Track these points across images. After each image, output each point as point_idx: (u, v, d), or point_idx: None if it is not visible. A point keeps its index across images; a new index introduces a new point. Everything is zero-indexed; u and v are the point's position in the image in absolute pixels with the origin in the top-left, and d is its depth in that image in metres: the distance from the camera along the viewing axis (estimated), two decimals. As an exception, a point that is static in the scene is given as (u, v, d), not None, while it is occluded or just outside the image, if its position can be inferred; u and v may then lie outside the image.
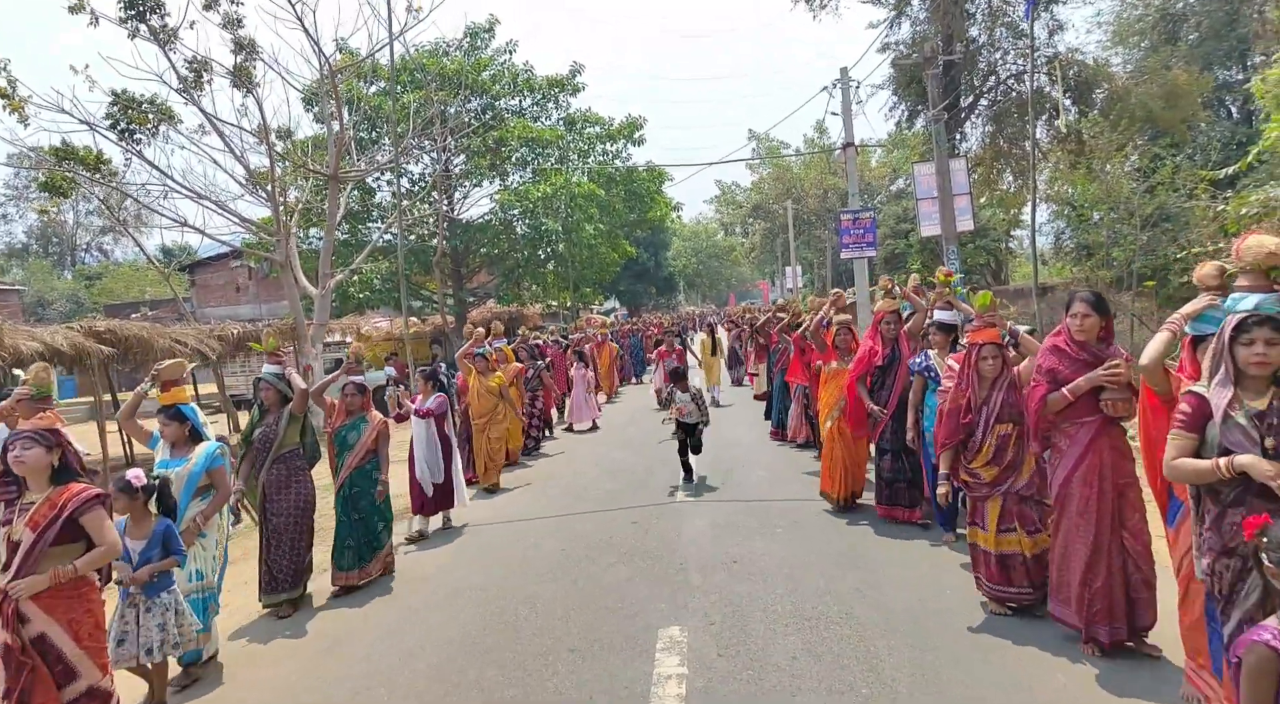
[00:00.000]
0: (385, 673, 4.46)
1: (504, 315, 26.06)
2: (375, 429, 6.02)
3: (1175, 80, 16.91)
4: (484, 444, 9.19)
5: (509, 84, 22.31)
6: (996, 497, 4.48)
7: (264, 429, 5.63)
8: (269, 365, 5.83)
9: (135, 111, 14.12)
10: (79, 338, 11.95)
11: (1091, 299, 3.92)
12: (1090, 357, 3.87)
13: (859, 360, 6.62)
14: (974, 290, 5.67)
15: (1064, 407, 3.91)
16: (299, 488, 5.58)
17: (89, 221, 56.13)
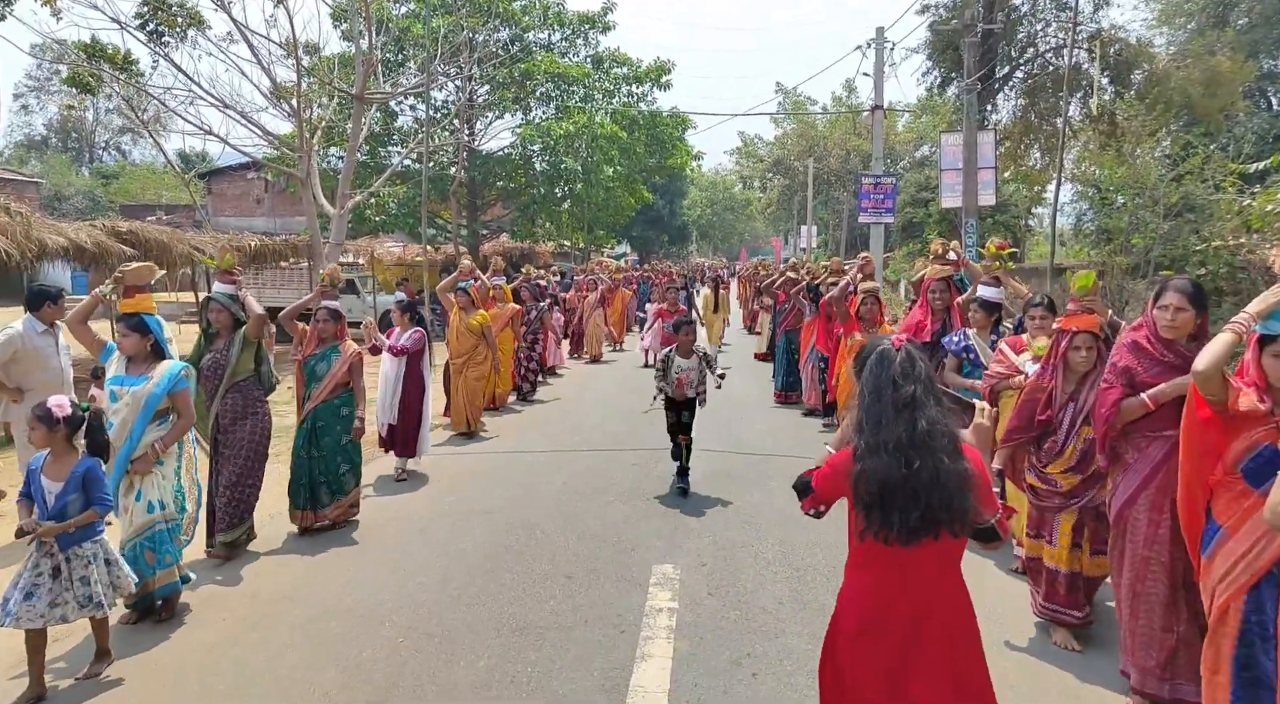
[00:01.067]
0: (393, 583, 4.73)
1: (516, 250, 26.10)
2: (347, 360, 5.60)
3: (1218, 67, 16.59)
4: (461, 386, 8.65)
5: (539, 16, 21.90)
6: (1072, 510, 3.86)
7: (214, 355, 5.13)
8: (221, 284, 5.24)
9: (165, 13, 13.98)
10: (101, 236, 12.10)
11: (1189, 290, 3.27)
12: (1177, 358, 3.26)
13: (905, 331, 5.93)
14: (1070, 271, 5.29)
15: (1141, 416, 3.35)
16: (255, 420, 5.13)
17: (108, 120, 55.64)
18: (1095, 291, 3.89)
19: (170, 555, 4.17)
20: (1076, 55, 17.56)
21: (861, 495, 2.11)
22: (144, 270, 4.48)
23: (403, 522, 5.89)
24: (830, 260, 11.32)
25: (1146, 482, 3.39)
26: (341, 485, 5.63)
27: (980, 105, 17.97)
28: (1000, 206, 19.68)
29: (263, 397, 5.27)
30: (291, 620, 4.26)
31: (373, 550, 5.30)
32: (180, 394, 4.29)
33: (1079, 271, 4.00)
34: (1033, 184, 21.76)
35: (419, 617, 4.27)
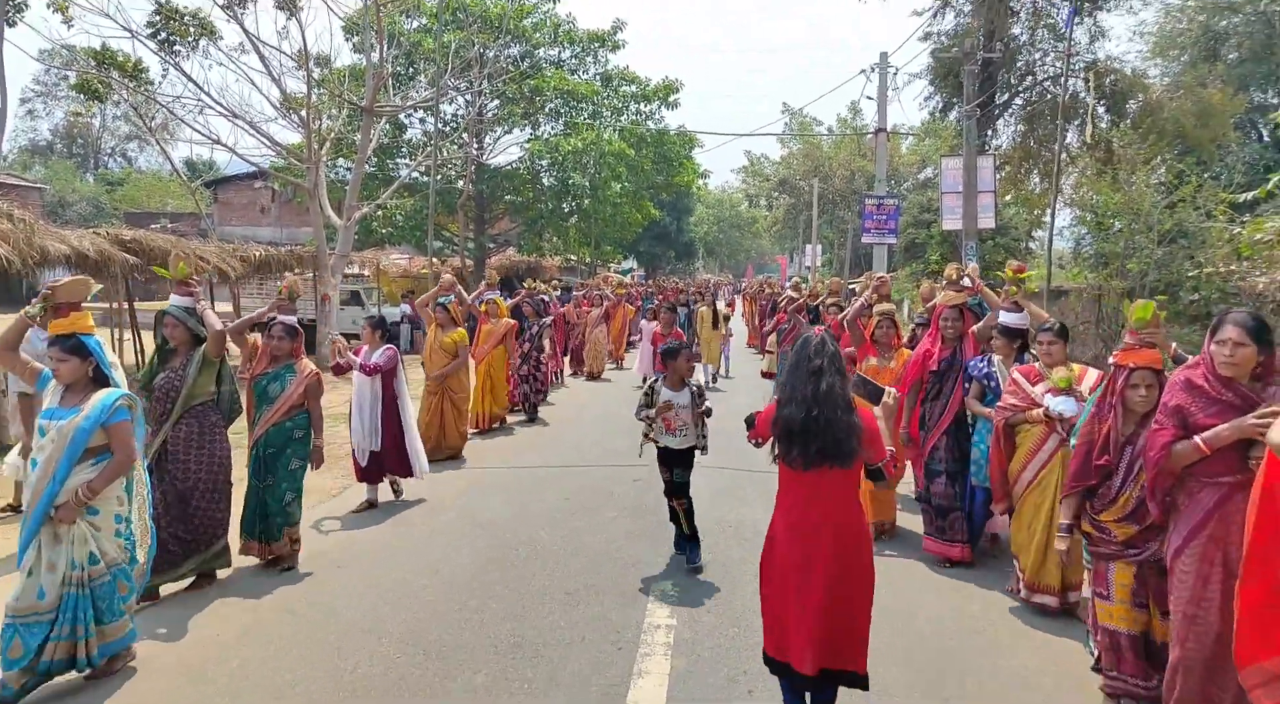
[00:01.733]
0: (389, 598, 4.84)
1: (522, 264, 26.27)
2: (303, 381, 5.11)
3: (1210, 98, 16.84)
4: (433, 407, 8.12)
5: (549, 34, 22.21)
6: (1129, 561, 3.47)
7: (168, 375, 4.64)
8: (177, 297, 4.71)
9: (177, 23, 14.22)
10: (105, 244, 12.18)
11: (1250, 324, 2.97)
12: (1237, 398, 2.99)
13: (913, 364, 5.67)
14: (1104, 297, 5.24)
15: (1195, 461, 3.04)
16: (213, 448, 4.68)
17: (115, 126, 55.97)
18: (1156, 323, 3.49)
19: (114, 609, 3.68)
20: (1073, 84, 17.82)
21: (778, 432, 3.08)
22: (77, 285, 3.85)
23: (401, 535, 5.98)
24: (830, 280, 11.12)
25: (1196, 531, 3.08)
26: (289, 516, 5.16)
27: (980, 130, 18.21)
28: (1001, 229, 19.90)
29: (220, 424, 4.77)
30: (289, 631, 4.30)
31: (370, 564, 5.36)
32: (116, 428, 3.62)
33: (1137, 302, 3.54)
34: (1032, 208, 21.98)
35: (416, 631, 4.30)
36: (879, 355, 6.07)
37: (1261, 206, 12.28)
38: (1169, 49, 20.98)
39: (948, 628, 4.47)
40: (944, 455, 5.41)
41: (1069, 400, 4.26)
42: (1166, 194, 13.45)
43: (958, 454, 5.36)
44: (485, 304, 9.91)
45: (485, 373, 9.66)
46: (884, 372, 5.89)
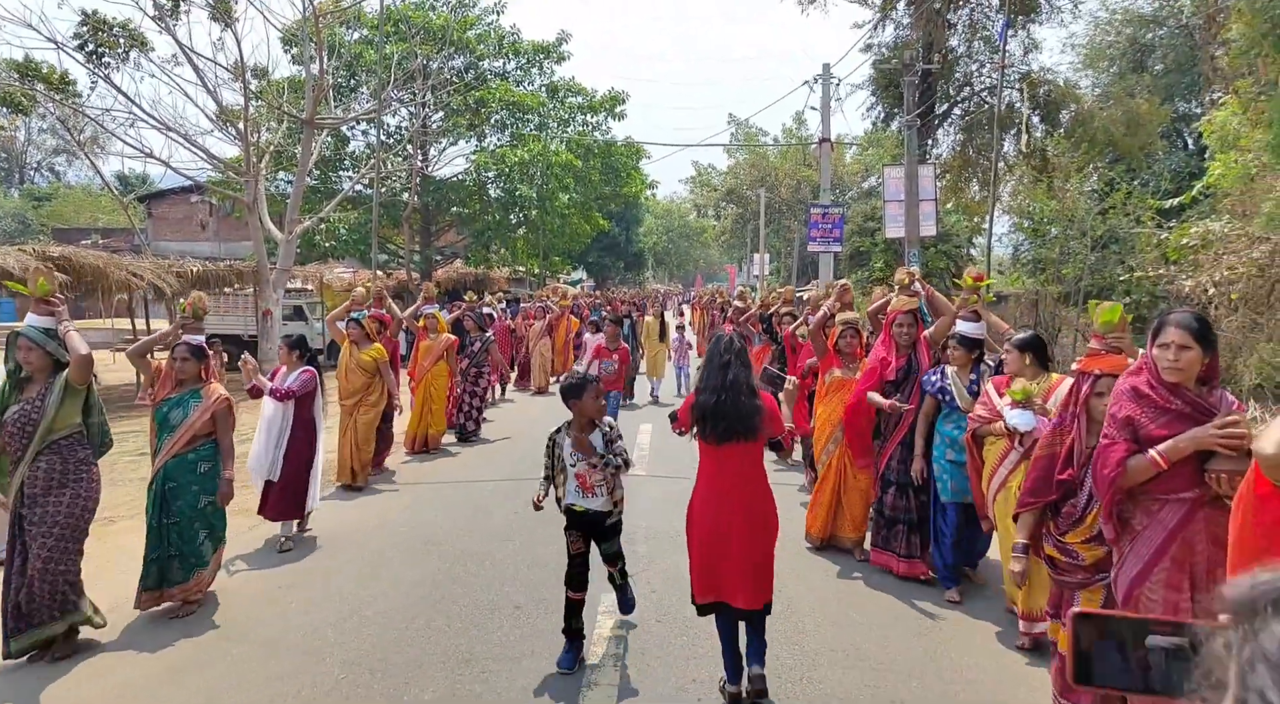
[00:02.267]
0: (337, 618, 4.69)
1: (470, 277, 26.01)
2: (210, 407, 4.63)
3: (1137, 108, 17.55)
4: (350, 431, 7.63)
5: (494, 45, 22.14)
6: (1098, 587, 3.19)
7: (23, 406, 4.07)
8: (35, 316, 4.17)
9: (106, 34, 13.77)
10: (31, 261, 11.70)
11: (1193, 325, 2.80)
12: (1187, 406, 2.79)
13: (868, 373, 5.41)
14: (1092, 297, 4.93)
15: (1155, 475, 2.81)
16: (78, 488, 4.12)
17: (41, 140, 54.04)
18: (1124, 327, 3.30)
19: None
20: (1009, 95, 18.40)
21: (695, 415, 3.66)
22: None
23: (348, 553, 5.83)
24: (784, 289, 10.89)
25: (1159, 554, 2.84)
26: (200, 557, 4.68)
27: (921, 140, 18.64)
28: (943, 236, 20.37)
29: (90, 459, 4.25)
30: (229, 659, 4.17)
31: (316, 583, 5.22)
32: None
33: (1102, 304, 3.35)
34: (973, 215, 22.58)
35: (363, 651, 4.22)
36: (843, 366, 5.85)
37: (1187, 212, 12.81)
38: (1099, 60, 21.82)
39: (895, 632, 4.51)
40: (897, 467, 5.26)
41: (1025, 414, 4.07)
42: (1099, 201, 13.96)
43: (908, 465, 5.19)
44: (423, 319, 9.41)
45: (424, 392, 9.17)
46: (849, 383, 5.67)
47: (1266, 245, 9.21)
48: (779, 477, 9.15)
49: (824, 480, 5.81)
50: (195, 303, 5.02)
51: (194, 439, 4.67)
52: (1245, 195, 10.88)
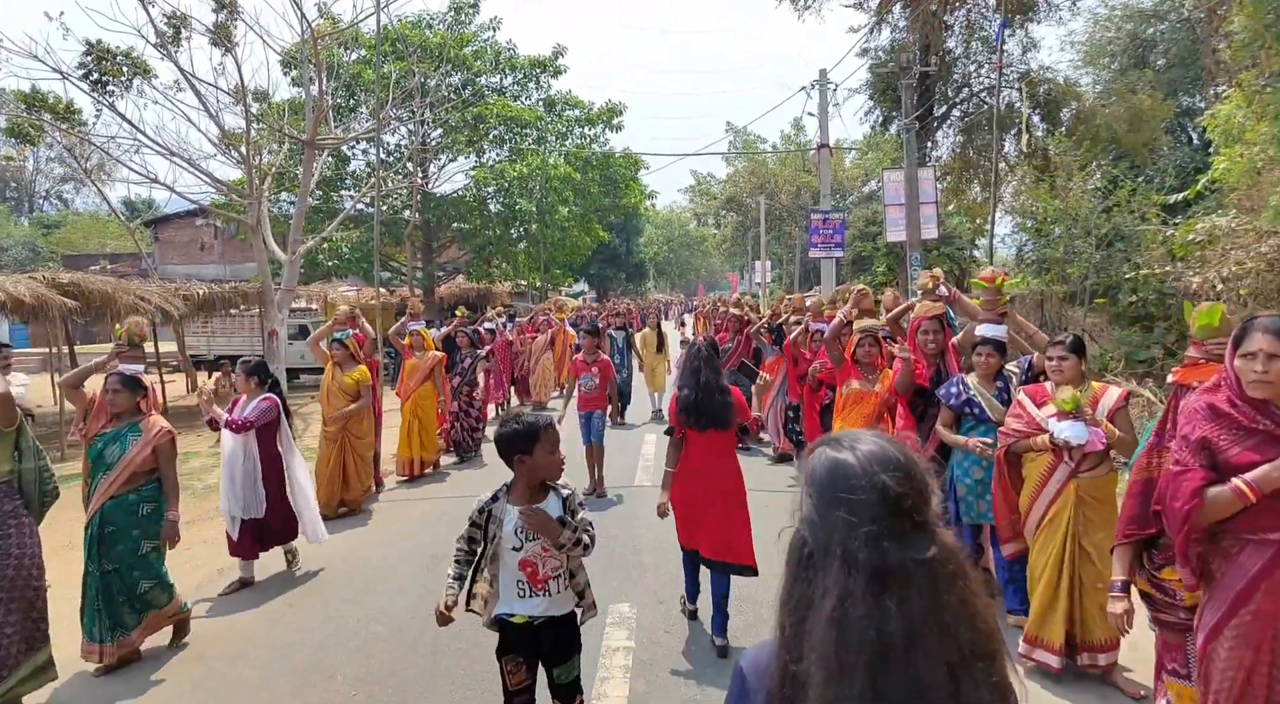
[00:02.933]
0: (343, 635, 4.64)
1: (472, 291, 26.06)
2: (150, 442, 4.22)
3: (1140, 104, 17.48)
4: (333, 457, 7.23)
5: (491, 61, 22.22)
6: None
7: None
8: None
9: (110, 63, 13.87)
10: (42, 289, 11.80)
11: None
12: (1278, 426, 2.38)
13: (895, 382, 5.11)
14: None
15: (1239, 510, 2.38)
16: (7, 543, 3.68)
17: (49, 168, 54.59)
18: (1226, 330, 2.78)
19: None
20: (1008, 95, 18.37)
21: (678, 411, 4.40)
22: None
23: (353, 570, 5.80)
24: (794, 296, 10.10)
25: (1237, 605, 2.41)
26: (149, 602, 4.31)
27: (920, 143, 18.62)
28: (945, 239, 20.30)
29: (20, 510, 3.77)
30: (240, 679, 4.16)
31: (322, 601, 5.20)
32: None
33: (1200, 305, 3.01)
34: (974, 216, 22.51)
35: (371, 668, 4.20)
36: (861, 377, 5.34)
37: (1192, 208, 12.72)
38: (1099, 57, 21.73)
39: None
40: None
41: (1077, 426, 3.65)
42: (1102, 199, 13.88)
43: (943, 484, 4.76)
44: (409, 336, 8.99)
45: (411, 413, 8.74)
46: (868, 396, 5.23)
47: (1275, 239, 9.11)
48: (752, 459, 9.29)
49: None
50: (131, 329, 4.55)
51: (134, 477, 4.23)
52: (1252, 189, 10.78)
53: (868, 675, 1.06)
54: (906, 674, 1.07)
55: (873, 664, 1.06)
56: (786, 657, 1.15)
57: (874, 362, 5.33)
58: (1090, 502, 3.73)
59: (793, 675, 1.12)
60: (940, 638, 1.09)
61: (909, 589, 1.09)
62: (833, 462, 1.20)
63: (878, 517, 1.12)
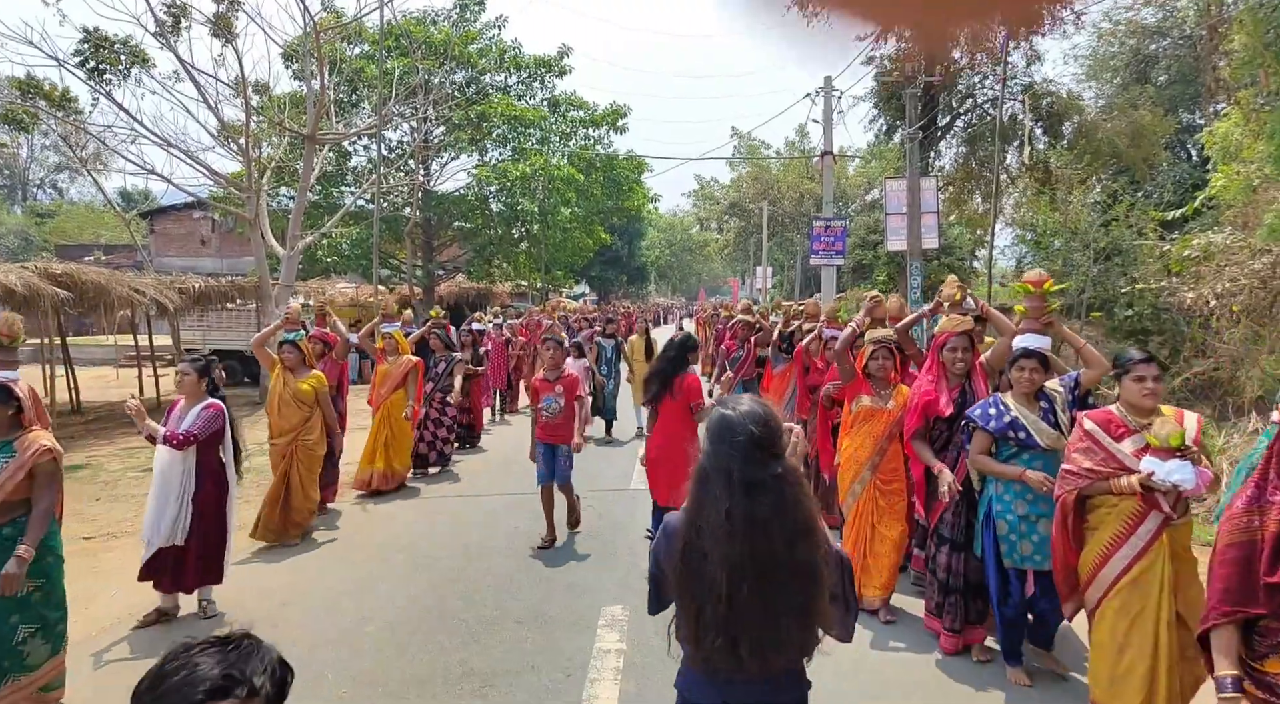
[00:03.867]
0: (336, 633, 4.62)
1: (472, 291, 26.02)
2: (26, 464, 3.54)
3: (1142, 119, 17.56)
4: (283, 478, 6.27)
5: (495, 59, 22.22)
6: None
7: None
8: None
9: (107, 51, 13.84)
10: (34, 279, 11.72)
11: None
12: None
13: (915, 409, 4.46)
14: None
15: None
16: None
17: (44, 156, 54.43)
18: None
19: None
20: (1011, 107, 18.41)
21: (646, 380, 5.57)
22: None
23: (348, 569, 5.77)
24: (808, 302, 9.32)
25: None
26: (20, 659, 3.47)
27: (924, 152, 18.65)
28: (945, 249, 20.35)
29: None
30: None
31: (316, 600, 5.17)
32: None
33: None
34: (975, 227, 22.56)
35: (363, 667, 4.18)
36: (874, 393, 4.86)
37: (1190, 224, 12.78)
38: (1102, 72, 21.82)
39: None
40: (952, 520, 4.30)
41: (1186, 466, 3.05)
42: (1101, 213, 13.94)
43: (967, 520, 4.28)
44: (382, 339, 8.22)
45: (382, 422, 7.93)
46: (879, 414, 4.79)
47: (1268, 257, 9.17)
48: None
49: (848, 529, 4.89)
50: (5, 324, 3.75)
51: (6, 506, 3.49)
52: (1248, 207, 10.85)
53: (744, 541, 1.87)
54: (765, 540, 1.88)
55: (747, 534, 1.87)
56: (690, 529, 1.97)
57: (887, 376, 4.85)
58: (1181, 555, 3.23)
59: (694, 537, 1.95)
60: (782, 519, 1.89)
61: (765, 492, 1.89)
62: (721, 416, 1.99)
63: (748, 451, 1.91)
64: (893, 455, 4.80)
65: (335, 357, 7.52)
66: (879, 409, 4.79)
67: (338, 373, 7.59)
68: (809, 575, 1.91)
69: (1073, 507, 3.35)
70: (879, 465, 4.78)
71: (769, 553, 1.88)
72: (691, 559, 1.93)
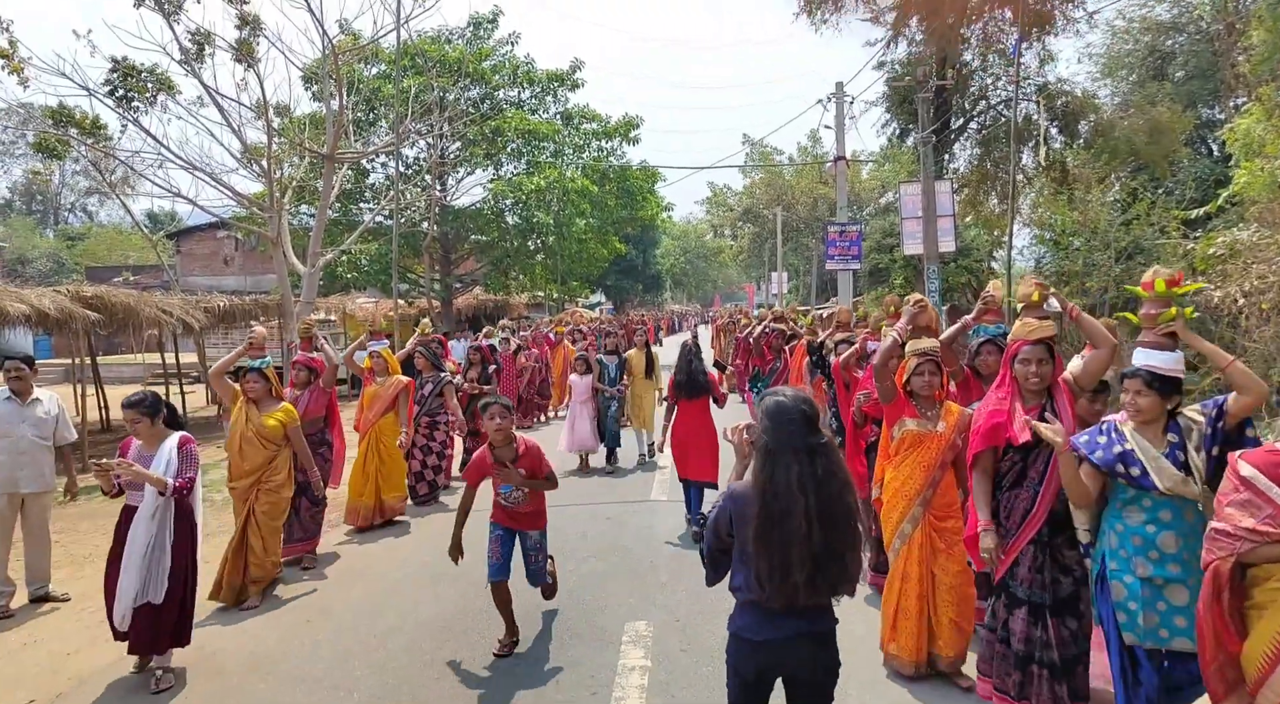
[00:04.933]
0: (360, 651, 4.68)
1: (490, 303, 26.19)
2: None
3: (1159, 117, 17.35)
4: (250, 527, 5.46)
5: (509, 75, 22.42)
6: None
7: None
8: None
9: (135, 79, 14.13)
10: (65, 302, 12.00)
11: None
12: None
13: (980, 431, 3.64)
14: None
15: None
16: None
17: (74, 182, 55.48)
18: None
19: None
20: (1026, 107, 18.29)
21: (674, 387, 7.17)
22: None
23: (369, 586, 5.83)
24: (838, 309, 8.21)
25: None
26: None
27: (938, 155, 18.57)
28: (963, 251, 20.22)
29: None
30: (258, 694, 4.18)
31: (338, 617, 5.22)
32: None
33: None
34: (992, 229, 22.39)
35: (388, 685, 4.22)
36: (919, 415, 4.11)
37: (1213, 221, 12.61)
38: (1117, 69, 21.60)
39: None
40: (1029, 576, 3.50)
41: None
42: (1121, 212, 13.79)
43: (1052, 577, 3.48)
44: (370, 358, 7.59)
45: (370, 449, 7.30)
46: (928, 439, 4.04)
47: (1296, 253, 9.04)
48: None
49: (903, 579, 4.07)
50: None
51: None
52: (1273, 203, 10.68)
53: (815, 495, 2.42)
54: (824, 492, 2.44)
55: (810, 488, 2.42)
56: (766, 493, 2.45)
57: (933, 394, 4.11)
58: None
59: (771, 498, 2.43)
60: (837, 475, 2.49)
61: (817, 455, 2.47)
62: (777, 402, 2.55)
63: (804, 426, 2.49)
64: (946, 487, 4.07)
65: (323, 385, 6.59)
66: (927, 433, 4.05)
67: (326, 403, 6.61)
68: (855, 519, 2.54)
69: (1228, 578, 2.55)
70: (931, 500, 4.04)
71: (831, 502, 2.45)
72: (773, 514, 2.42)
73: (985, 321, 4.55)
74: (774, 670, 2.60)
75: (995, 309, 4.43)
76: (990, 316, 4.54)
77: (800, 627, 2.52)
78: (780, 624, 2.51)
